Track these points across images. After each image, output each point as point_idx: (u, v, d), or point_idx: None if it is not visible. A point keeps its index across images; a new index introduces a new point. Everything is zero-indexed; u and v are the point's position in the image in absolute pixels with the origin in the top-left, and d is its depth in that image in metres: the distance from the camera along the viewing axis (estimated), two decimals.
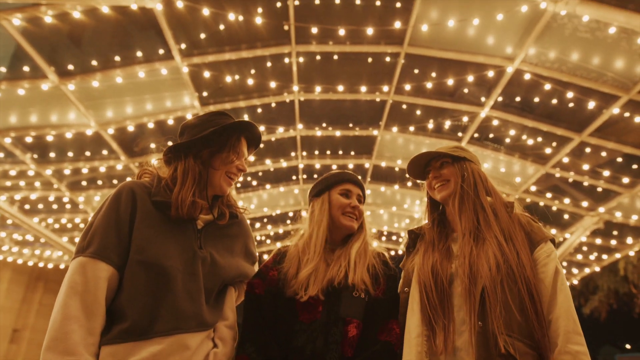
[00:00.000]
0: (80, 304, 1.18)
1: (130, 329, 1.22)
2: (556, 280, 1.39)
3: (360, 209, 1.81)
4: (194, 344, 1.29)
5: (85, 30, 5.76)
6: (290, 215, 11.15)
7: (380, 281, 1.70)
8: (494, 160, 8.38)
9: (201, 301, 1.36)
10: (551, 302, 1.36)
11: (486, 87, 6.90)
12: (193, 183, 1.45)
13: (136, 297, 1.26)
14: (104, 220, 1.32)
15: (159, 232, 1.37)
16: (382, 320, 1.61)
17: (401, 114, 7.75)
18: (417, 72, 6.96)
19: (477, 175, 1.63)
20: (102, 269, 1.24)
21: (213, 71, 6.57)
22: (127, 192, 1.39)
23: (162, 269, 1.31)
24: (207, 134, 1.49)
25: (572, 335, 1.30)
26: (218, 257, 1.49)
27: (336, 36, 6.31)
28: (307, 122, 8.20)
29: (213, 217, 1.54)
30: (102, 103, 6.70)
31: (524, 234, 1.48)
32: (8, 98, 6.21)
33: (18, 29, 5.18)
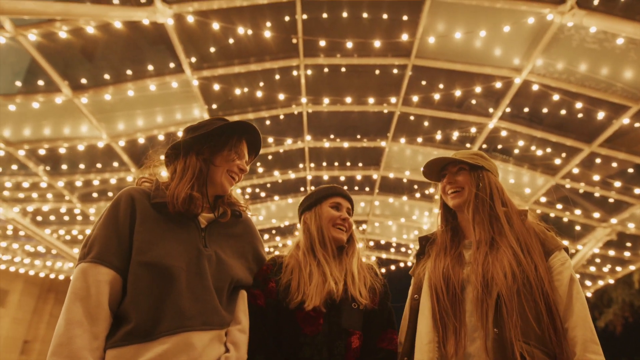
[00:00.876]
0: (83, 309, 1.19)
1: (135, 330, 1.22)
2: (572, 289, 1.38)
3: (350, 221, 1.85)
4: (199, 343, 1.28)
5: (98, 45, 5.89)
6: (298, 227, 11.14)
7: (376, 293, 1.74)
8: (502, 172, 8.34)
9: (206, 300, 1.35)
10: (567, 311, 1.35)
11: (494, 98, 6.90)
12: (191, 178, 1.45)
13: (139, 298, 1.26)
14: (104, 227, 1.33)
15: (161, 234, 1.37)
16: (380, 330, 1.65)
17: (409, 125, 7.77)
18: (424, 83, 6.99)
19: (494, 186, 1.61)
20: (103, 273, 1.25)
21: (222, 84, 6.67)
22: (126, 198, 1.40)
23: (164, 269, 1.30)
24: (209, 131, 1.51)
25: (589, 344, 1.29)
26: (224, 256, 1.49)
27: (344, 49, 6.38)
28: (315, 134, 8.26)
29: (214, 215, 1.54)
30: (113, 116, 6.82)
31: (539, 243, 1.48)
32: (23, 111, 6.36)
33: (33, 44, 5.32)
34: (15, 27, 4.94)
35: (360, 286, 1.66)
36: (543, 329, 1.30)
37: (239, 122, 1.58)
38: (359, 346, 1.58)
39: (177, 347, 1.23)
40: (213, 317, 1.34)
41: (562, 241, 1.54)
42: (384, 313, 1.70)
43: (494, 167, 1.71)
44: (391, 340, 1.64)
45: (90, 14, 4.78)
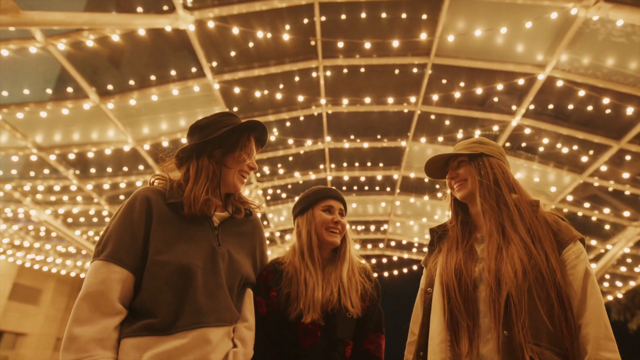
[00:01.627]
0: (94, 305, 1.23)
1: (156, 324, 1.26)
2: (586, 283, 1.30)
3: (343, 222, 1.82)
4: (214, 338, 1.32)
5: (123, 52, 6.07)
6: None
7: (367, 297, 1.74)
8: (527, 170, 8.16)
9: (219, 297, 1.39)
10: (581, 307, 1.29)
11: (517, 96, 6.77)
12: (206, 181, 1.48)
13: (159, 295, 1.30)
14: (118, 226, 1.36)
15: (177, 233, 1.40)
16: (369, 332, 1.67)
17: (429, 125, 7.70)
18: (445, 82, 6.92)
19: (497, 170, 1.52)
20: (114, 271, 1.29)
21: (243, 87, 6.76)
22: (141, 198, 1.42)
23: (182, 267, 1.34)
24: (221, 134, 1.52)
25: (603, 341, 1.23)
26: (236, 254, 1.52)
27: (363, 49, 6.38)
28: (335, 135, 8.28)
29: (229, 213, 1.57)
30: (138, 120, 7.01)
31: (551, 234, 1.39)
32: (53, 118, 6.61)
33: (63, 53, 5.53)
34: (45, 37, 5.16)
35: (351, 294, 1.66)
36: (556, 326, 1.25)
37: (248, 122, 1.60)
38: (350, 355, 1.63)
39: (194, 342, 1.28)
40: (226, 313, 1.39)
41: (577, 231, 1.43)
42: (373, 317, 1.71)
43: (496, 150, 1.62)
44: (378, 346, 1.66)
45: (116, 23, 4.94)
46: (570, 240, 1.39)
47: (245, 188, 9.33)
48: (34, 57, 5.55)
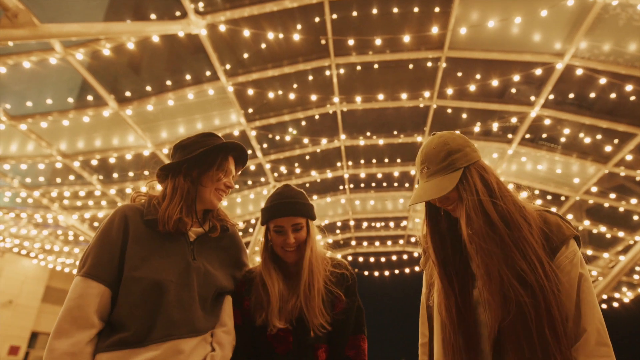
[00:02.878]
0: (71, 318, 1.31)
1: (128, 338, 1.33)
2: (580, 289, 1.23)
3: (298, 237, 1.67)
4: (187, 348, 1.39)
5: (139, 59, 6.21)
6: (339, 225, 11.19)
7: (341, 298, 1.66)
8: (549, 162, 7.97)
9: (193, 309, 1.45)
10: (576, 314, 1.22)
11: (535, 86, 6.61)
12: (180, 200, 1.53)
13: (132, 310, 1.37)
14: (97, 244, 1.43)
15: (152, 249, 1.46)
16: (348, 336, 1.62)
17: (446, 119, 7.60)
18: (460, 75, 6.81)
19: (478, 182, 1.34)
20: (92, 287, 1.36)
21: (257, 88, 6.82)
22: (120, 216, 1.49)
23: (156, 283, 1.40)
24: (197, 154, 1.58)
25: (595, 348, 1.17)
26: (210, 267, 1.57)
27: (375, 46, 6.34)
28: (351, 132, 8.26)
29: (204, 230, 1.64)
30: (156, 125, 7.16)
31: (542, 239, 1.27)
32: (75, 125, 6.81)
33: (82, 62, 5.69)
34: (64, 48, 5.32)
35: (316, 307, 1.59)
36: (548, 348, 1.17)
37: (224, 143, 1.65)
38: (326, 358, 1.59)
39: (166, 353, 1.35)
40: (199, 324, 1.45)
41: (570, 228, 1.31)
42: (350, 318, 1.65)
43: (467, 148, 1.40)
44: (359, 349, 1.61)
45: (130, 31, 5.05)
46: (562, 242, 1.28)
47: (264, 188, 9.41)
48: (55, 67, 5.73)
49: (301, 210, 1.70)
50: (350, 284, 1.71)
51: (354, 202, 10.16)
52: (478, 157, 1.42)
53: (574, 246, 1.29)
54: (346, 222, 10.98)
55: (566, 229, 1.29)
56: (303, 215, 1.70)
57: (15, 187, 8.41)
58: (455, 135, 1.45)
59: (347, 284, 1.71)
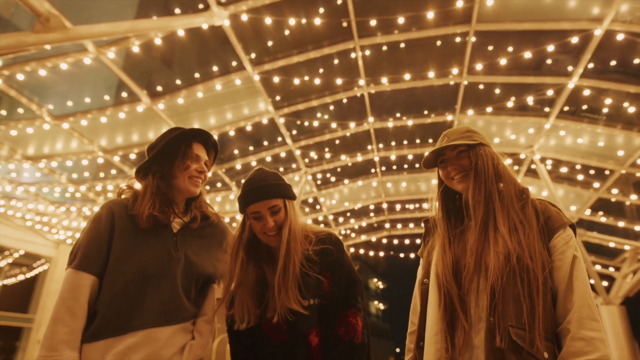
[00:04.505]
0: (66, 308, 1.42)
1: (110, 327, 1.43)
2: (573, 268, 1.32)
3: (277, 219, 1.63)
4: (163, 336, 1.47)
5: (168, 53, 6.38)
6: (372, 208, 11.17)
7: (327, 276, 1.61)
8: (591, 134, 7.57)
9: (171, 300, 1.53)
10: (567, 291, 1.30)
11: (572, 55, 6.26)
12: (151, 196, 1.60)
13: (114, 300, 1.46)
14: (86, 237, 1.53)
15: (136, 243, 1.55)
16: (336, 314, 1.55)
17: (477, 95, 7.36)
18: (491, 48, 6.56)
19: (491, 160, 1.51)
20: (84, 278, 1.47)
21: (283, 75, 6.85)
22: (107, 211, 1.58)
23: (137, 276, 1.50)
24: (159, 150, 1.65)
25: (586, 321, 1.24)
26: (193, 256, 1.63)
27: (400, 24, 6.20)
28: (380, 114, 8.16)
29: (183, 222, 1.68)
30: (188, 117, 7.36)
31: (536, 223, 1.40)
32: (113, 122, 7.12)
33: (114, 61, 5.92)
34: (96, 48, 5.55)
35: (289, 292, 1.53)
36: (536, 310, 1.26)
37: (181, 132, 1.69)
38: (319, 342, 1.54)
39: (143, 340, 1.45)
40: (176, 314, 1.54)
41: (567, 217, 1.44)
42: (337, 294, 1.57)
43: (486, 139, 1.61)
44: (348, 326, 1.52)
45: (156, 27, 5.19)
46: (560, 227, 1.40)
47: (295, 174, 9.52)
48: (90, 67, 5.99)
49: (275, 192, 1.65)
50: (335, 258, 1.63)
51: (385, 184, 10.09)
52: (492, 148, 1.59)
53: (571, 232, 1.42)
54: (379, 205, 10.94)
55: (564, 217, 1.44)
56: (278, 196, 1.65)
57: (64, 182, 8.93)
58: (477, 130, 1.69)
59: (332, 259, 1.63)
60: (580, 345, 1.21)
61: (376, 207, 11.10)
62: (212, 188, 9.62)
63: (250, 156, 8.64)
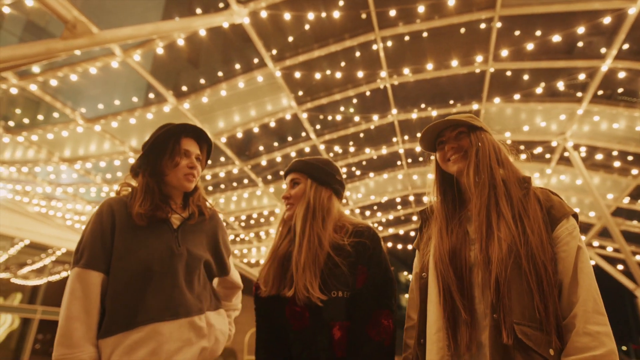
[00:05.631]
0: (80, 306, 1.44)
1: (118, 323, 1.46)
2: (577, 260, 1.26)
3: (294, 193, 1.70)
4: (166, 331, 1.49)
5: (191, 53, 6.51)
6: (399, 201, 11.06)
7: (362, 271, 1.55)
8: (628, 119, 7.21)
9: (174, 295, 1.54)
10: (572, 283, 1.24)
11: (605, 36, 5.97)
12: (142, 195, 1.62)
13: (118, 297, 1.49)
14: (90, 236, 1.55)
15: (137, 240, 1.56)
16: (368, 313, 1.49)
17: (504, 82, 7.13)
18: (517, 33, 6.34)
19: (492, 146, 1.48)
20: (93, 276, 1.49)
21: (305, 70, 6.86)
22: (107, 208, 1.60)
23: (139, 272, 1.52)
24: (148, 149, 1.67)
25: (591, 315, 1.18)
26: (195, 250, 1.66)
27: (422, 13, 6.08)
28: (404, 105, 8.05)
29: (182, 217, 1.70)
30: (213, 116, 7.50)
31: (540, 212, 1.34)
32: (142, 123, 7.34)
33: (140, 63, 6.09)
34: (123, 51, 5.72)
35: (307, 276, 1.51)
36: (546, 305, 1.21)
37: (167, 128, 1.69)
38: (342, 336, 1.48)
39: (148, 335, 1.47)
40: (180, 309, 1.54)
41: (570, 207, 1.37)
42: (372, 292, 1.51)
43: (486, 126, 1.58)
44: (380, 327, 1.47)
45: (178, 28, 5.30)
46: (563, 216, 1.34)
47: None
48: (118, 70, 6.19)
49: (300, 167, 1.74)
50: (372, 253, 1.57)
51: (412, 177, 9.96)
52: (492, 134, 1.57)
53: (574, 221, 1.36)
54: (406, 197, 10.82)
55: (567, 207, 1.38)
56: (300, 171, 1.73)
57: (98, 182, 9.30)
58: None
59: (369, 253, 1.57)
60: (585, 341, 1.16)
61: (403, 200, 10.98)
62: (239, 185, 9.77)
63: (275, 152, 8.71)
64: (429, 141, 1.61)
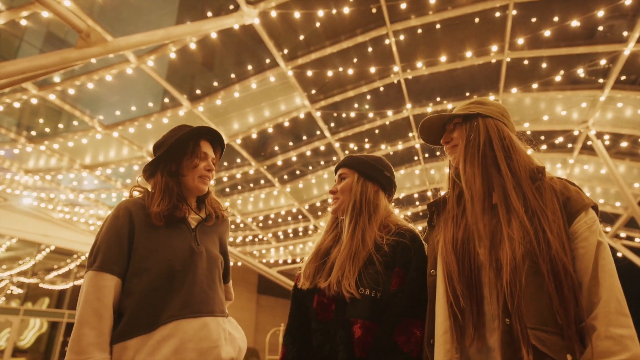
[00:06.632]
0: (92, 310, 1.41)
1: (140, 325, 1.44)
2: (598, 256, 1.16)
3: (340, 187, 1.71)
4: (189, 328, 1.47)
5: (204, 56, 6.54)
6: (416, 197, 10.93)
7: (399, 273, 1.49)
8: None
9: (194, 293, 1.53)
10: (592, 282, 1.14)
11: (627, 19, 5.76)
12: (161, 194, 1.61)
13: (142, 299, 1.47)
14: (106, 238, 1.52)
15: (158, 240, 1.55)
16: (398, 318, 1.42)
17: (522, 71, 6.96)
18: (534, 20, 6.17)
19: (492, 131, 1.36)
20: (107, 279, 1.46)
21: (317, 68, 6.83)
22: (124, 211, 1.58)
23: (162, 272, 1.50)
24: (167, 148, 1.65)
25: (614, 316, 1.08)
26: (213, 249, 1.67)
27: (434, 4, 5.98)
28: (419, 100, 7.94)
29: (200, 217, 1.71)
30: (227, 118, 7.54)
31: (556, 205, 1.22)
32: (158, 127, 7.43)
33: (153, 68, 6.16)
34: (137, 57, 5.79)
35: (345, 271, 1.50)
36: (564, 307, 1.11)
37: (190, 130, 1.69)
38: (362, 335, 1.44)
39: (171, 332, 1.45)
40: (201, 306, 1.53)
41: (589, 198, 1.26)
42: (406, 297, 1.44)
43: (496, 110, 1.43)
44: (411, 336, 1.39)
45: (189, 32, 5.33)
46: (582, 209, 1.22)
47: None
48: (133, 76, 6.28)
49: (349, 163, 1.76)
50: (412, 257, 1.51)
51: (429, 171, 9.83)
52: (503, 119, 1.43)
53: (593, 214, 1.24)
54: (424, 193, 10.69)
55: (586, 198, 1.26)
56: (348, 166, 1.75)
57: (119, 188, 9.47)
58: (495, 102, 1.51)
59: (409, 256, 1.52)
60: (608, 345, 1.07)
61: (420, 195, 10.85)
62: (256, 185, 9.81)
63: (291, 151, 8.71)
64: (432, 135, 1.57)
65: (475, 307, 1.23)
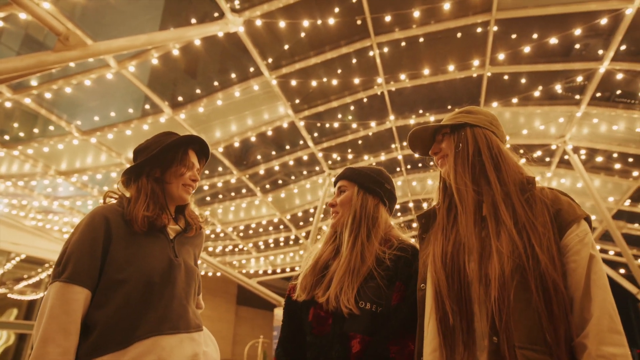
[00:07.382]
0: (58, 326, 1.28)
1: (113, 340, 1.33)
2: (590, 271, 1.12)
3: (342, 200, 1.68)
4: (167, 345, 1.38)
5: (186, 63, 6.46)
6: (398, 208, 10.97)
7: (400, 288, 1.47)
8: (627, 120, 7.17)
9: (173, 307, 1.45)
10: (584, 298, 1.10)
11: (602, 38, 5.95)
12: (145, 199, 1.54)
13: (116, 312, 1.36)
14: (78, 246, 1.40)
15: (135, 250, 1.46)
16: (396, 330, 1.41)
17: (502, 86, 7.10)
18: (514, 37, 6.32)
19: (481, 141, 1.32)
20: (77, 292, 1.34)
21: (301, 78, 6.82)
22: (99, 217, 1.47)
23: (140, 284, 1.41)
24: (156, 153, 1.60)
25: (606, 334, 1.04)
26: (190, 261, 1.61)
27: (418, 18, 6.06)
28: (402, 111, 8.01)
29: (180, 228, 1.65)
30: (210, 126, 7.44)
31: (547, 217, 1.18)
32: (138, 134, 7.28)
33: (134, 74, 6.04)
34: (117, 62, 5.67)
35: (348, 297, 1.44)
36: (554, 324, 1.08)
37: (182, 137, 1.65)
38: (360, 350, 1.40)
39: (148, 349, 1.35)
40: (179, 322, 1.46)
41: (581, 209, 1.22)
42: (403, 310, 1.43)
43: (484, 119, 1.40)
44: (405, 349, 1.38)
45: (172, 38, 5.25)
46: (573, 221, 1.18)
47: (319, 177, 9.46)
48: (113, 81, 6.14)
49: (349, 175, 1.73)
50: (413, 272, 1.50)
51: (411, 183, 9.89)
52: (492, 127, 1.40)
53: (586, 226, 1.20)
54: (405, 204, 10.74)
55: (578, 209, 1.22)
56: (348, 178, 1.72)
57: (95, 195, 9.21)
58: (484, 110, 1.48)
59: (410, 271, 1.51)
60: None
61: (402, 207, 10.91)
62: (237, 194, 9.69)
63: (273, 161, 8.65)
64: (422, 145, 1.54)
65: (465, 324, 1.18)
